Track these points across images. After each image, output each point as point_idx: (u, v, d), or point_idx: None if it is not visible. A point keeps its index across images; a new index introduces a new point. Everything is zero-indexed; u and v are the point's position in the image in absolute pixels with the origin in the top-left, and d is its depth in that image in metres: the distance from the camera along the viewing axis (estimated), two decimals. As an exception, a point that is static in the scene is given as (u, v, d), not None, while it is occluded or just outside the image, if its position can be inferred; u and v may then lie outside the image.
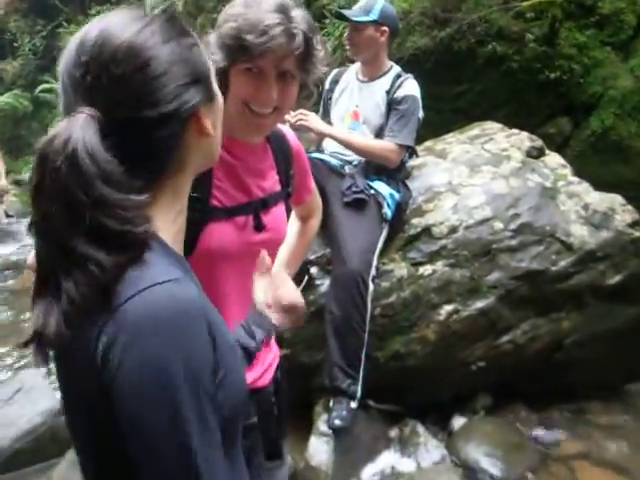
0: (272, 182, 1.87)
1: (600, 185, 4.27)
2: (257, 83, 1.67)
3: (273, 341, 2.00)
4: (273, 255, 1.95)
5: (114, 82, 0.98)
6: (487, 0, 6.39)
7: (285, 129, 1.99)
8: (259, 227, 1.78)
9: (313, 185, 2.17)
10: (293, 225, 2.26)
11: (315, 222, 2.28)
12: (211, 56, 1.73)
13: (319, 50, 1.73)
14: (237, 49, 1.64)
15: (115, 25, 1.01)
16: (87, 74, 0.98)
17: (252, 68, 1.66)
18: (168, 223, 1.09)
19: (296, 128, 3.49)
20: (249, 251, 1.76)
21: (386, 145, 3.60)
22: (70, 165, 0.91)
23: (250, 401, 1.87)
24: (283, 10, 1.63)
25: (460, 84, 6.35)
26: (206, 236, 1.69)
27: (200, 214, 1.70)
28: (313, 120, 3.57)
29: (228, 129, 1.79)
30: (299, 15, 1.66)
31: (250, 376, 1.82)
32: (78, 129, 0.93)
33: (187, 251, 1.43)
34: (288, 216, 2.18)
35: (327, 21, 6.66)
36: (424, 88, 3.84)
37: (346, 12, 3.90)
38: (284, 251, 2.22)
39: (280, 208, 1.89)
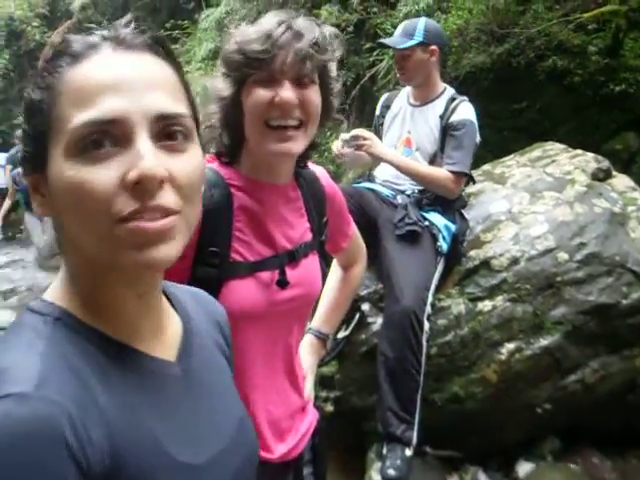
0: (302, 231, 1.69)
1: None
2: (271, 90, 1.51)
3: (311, 405, 1.83)
4: (306, 312, 1.78)
5: None
6: (546, 13, 6.16)
7: (318, 170, 1.80)
8: (282, 284, 1.59)
9: (353, 230, 1.98)
10: (334, 274, 2.08)
11: (358, 269, 2.09)
12: (220, 92, 1.58)
13: (334, 54, 1.58)
14: (243, 64, 1.51)
15: None
16: None
17: (263, 78, 1.51)
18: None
19: (357, 148, 3.33)
20: (276, 311, 1.59)
21: (448, 174, 3.40)
22: None
23: (285, 474, 1.71)
24: (286, 18, 1.51)
25: (519, 101, 6.13)
26: (225, 295, 1.51)
27: (218, 270, 1.53)
28: (376, 144, 3.40)
29: (251, 169, 1.63)
30: (304, 21, 1.53)
31: (283, 448, 1.66)
32: None
33: None
34: (329, 264, 2.01)
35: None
36: (482, 106, 3.66)
37: (388, 41, 3.74)
38: (324, 304, 2.05)
39: (312, 260, 1.71)
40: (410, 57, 3.54)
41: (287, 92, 1.50)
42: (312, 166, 1.79)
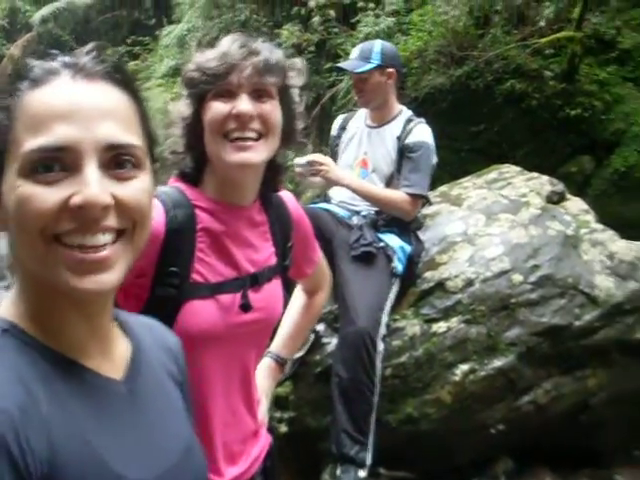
0: (266, 255, 1.68)
1: (623, 226, 4.08)
2: (229, 104, 1.53)
3: (264, 430, 1.81)
4: (265, 336, 1.77)
5: None
6: (504, 37, 6.27)
7: (286, 195, 1.80)
8: (246, 308, 1.59)
9: (318, 257, 1.98)
10: (297, 299, 2.07)
11: (322, 297, 2.09)
12: (182, 112, 1.59)
13: (293, 79, 1.62)
14: (201, 81, 1.53)
15: None
16: None
17: (222, 93, 1.53)
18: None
19: (314, 174, 3.34)
20: (236, 333, 1.58)
21: (405, 197, 3.43)
22: None
23: None
24: (244, 39, 1.56)
25: (478, 123, 6.21)
26: (184, 315, 1.51)
27: (178, 290, 1.52)
28: (333, 169, 3.40)
29: (216, 191, 1.62)
30: (261, 42, 1.57)
31: (234, 471, 1.64)
32: None
33: None
34: (291, 290, 2.01)
35: (341, 60, 6.54)
36: (440, 128, 3.69)
37: (345, 65, 3.76)
38: (285, 329, 2.04)
39: (274, 284, 1.70)
40: (368, 80, 3.56)
41: (244, 104, 1.51)
42: (280, 193, 1.79)
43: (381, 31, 6.40)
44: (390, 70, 3.57)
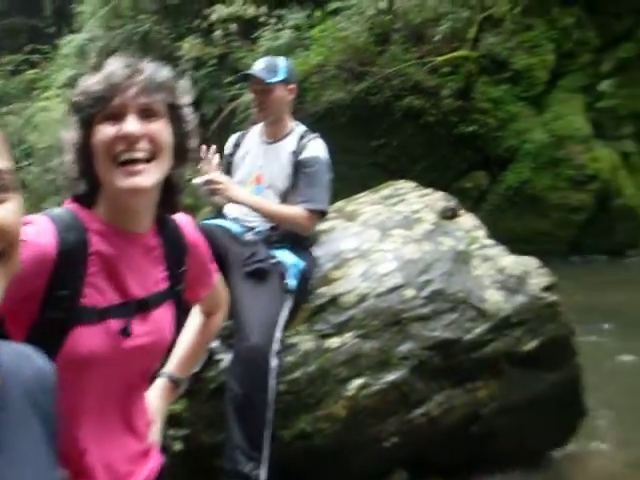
0: (156, 279, 1.66)
1: (515, 240, 4.21)
2: (116, 126, 1.50)
3: (154, 450, 1.79)
4: (152, 361, 1.75)
5: None
6: (403, 54, 6.41)
7: (182, 219, 1.78)
8: (125, 333, 1.56)
9: (214, 280, 1.96)
10: (194, 319, 2.05)
11: (219, 317, 2.08)
12: (72, 138, 1.57)
13: (181, 97, 1.62)
14: (86, 105, 1.51)
15: None
16: None
17: (108, 116, 1.50)
18: None
19: (212, 193, 3.34)
20: (121, 358, 1.56)
21: (302, 212, 3.46)
22: None
23: None
24: (129, 60, 1.54)
25: (377, 138, 6.32)
26: (71, 340, 1.48)
27: (66, 314, 1.48)
28: (230, 188, 3.41)
29: (110, 216, 1.59)
30: (147, 62, 1.57)
31: None
32: None
33: (50, 354, 1.22)
34: (186, 313, 2.00)
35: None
36: (340, 142, 3.72)
37: (255, 72, 3.74)
38: (180, 349, 2.02)
39: (164, 309, 1.68)
40: (271, 93, 3.58)
41: (130, 124, 1.49)
42: (177, 215, 1.76)
43: (282, 45, 6.42)
44: (292, 86, 3.63)
